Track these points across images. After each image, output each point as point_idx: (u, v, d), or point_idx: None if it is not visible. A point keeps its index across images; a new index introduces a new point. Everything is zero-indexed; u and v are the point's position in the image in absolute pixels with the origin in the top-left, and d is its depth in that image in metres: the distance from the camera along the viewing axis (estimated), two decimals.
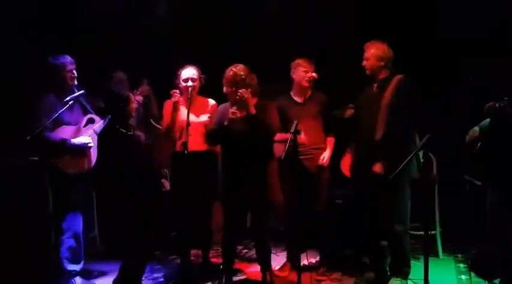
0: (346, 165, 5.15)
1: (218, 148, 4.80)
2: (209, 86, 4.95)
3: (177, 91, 4.77)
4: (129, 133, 4.53)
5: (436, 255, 5.30)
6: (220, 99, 4.89)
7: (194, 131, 4.66)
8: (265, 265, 4.64)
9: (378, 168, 4.40)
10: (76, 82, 4.78)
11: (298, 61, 5.00)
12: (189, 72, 4.82)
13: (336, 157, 5.17)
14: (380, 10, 5.78)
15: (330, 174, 5.07)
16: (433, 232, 5.27)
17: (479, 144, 4.02)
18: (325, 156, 4.98)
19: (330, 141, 5.04)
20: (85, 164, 4.74)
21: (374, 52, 4.57)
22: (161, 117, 4.89)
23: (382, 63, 4.56)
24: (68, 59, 4.72)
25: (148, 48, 6.10)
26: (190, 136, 4.58)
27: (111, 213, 4.57)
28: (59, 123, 4.65)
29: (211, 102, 4.94)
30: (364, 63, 4.61)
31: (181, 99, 4.82)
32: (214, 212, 5.00)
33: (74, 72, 4.75)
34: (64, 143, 4.63)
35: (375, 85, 4.60)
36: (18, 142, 4.66)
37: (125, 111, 4.52)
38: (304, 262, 4.96)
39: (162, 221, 5.16)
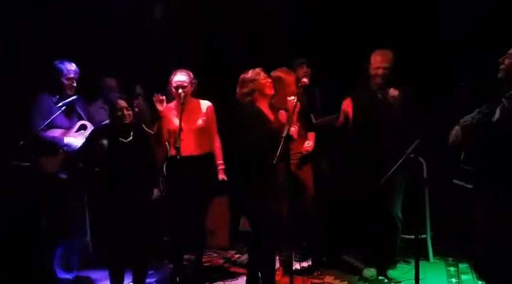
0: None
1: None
2: (206, 89, 4.96)
3: (160, 96, 4.68)
4: (124, 140, 4.50)
5: (427, 258, 5.32)
6: (217, 100, 4.96)
7: (187, 136, 4.67)
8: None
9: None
10: (73, 91, 4.80)
11: (280, 75, 4.82)
12: (179, 78, 4.76)
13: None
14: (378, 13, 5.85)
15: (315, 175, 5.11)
16: (423, 236, 5.30)
17: (463, 153, 4.10)
18: (310, 142, 4.97)
19: (312, 135, 5.04)
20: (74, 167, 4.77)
21: (391, 60, 4.69)
22: (154, 122, 4.90)
23: (392, 70, 4.71)
24: (73, 67, 4.73)
25: (145, 51, 6.11)
26: (183, 141, 4.59)
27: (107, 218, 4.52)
28: (52, 126, 4.68)
29: (206, 103, 4.92)
30: (382, 71, 4.70)
31: (173, 104, 4.85)
32: (208, 216, 5.00)
33: (75, 82, 4.75)
34: (57, 142, 4.65)
35: (379, 93, 4.73)
36: (11, 146, 4.67)
37: (114, 118, 4.47)
38: (297, 266, 4.98)
39: (155, 226, 5.17)
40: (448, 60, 5.47)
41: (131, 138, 4.49)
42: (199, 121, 4.83)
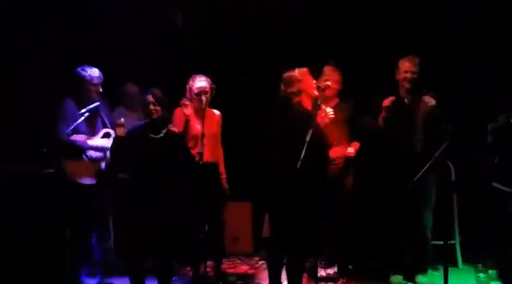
0: None
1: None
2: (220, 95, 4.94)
3: (187, 102, 4.73)
4: (155, 136, 4.47)
5: (456, 265, 5.23)
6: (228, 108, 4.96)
7: (207, 141, 4.65)
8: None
9: None
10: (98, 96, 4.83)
11: (324, 68, 4.97)
12: (201, 85, 4.77)
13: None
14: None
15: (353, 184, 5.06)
16: (452, 242, 5.21)
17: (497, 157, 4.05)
18: (352, 149, 4.96)
19: (356, 144, 5.03)
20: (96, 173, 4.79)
21: (419, 66, 4.71)
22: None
23: (420, 76, 4.71)
24: (97, 74, 4.77)
25: (160, 56, 6.10)
26: (205, 146, 4.57)
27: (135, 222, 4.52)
28: (76, 132, 4.71)
29: (217, 112, 4.95)
30: (410, 76, 4.71)
31: (190, 110, 4.83)
32: (227, 222, 4.95)
33: (100, 88, 4.79)
34: (81, 146, 4.70)
35: (407, 98, 4.73)
36: (34, 153, 4.69)
37: (145, 113, 4.49)
38: (322, 272, 4.91)
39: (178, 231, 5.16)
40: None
41: (162, 134, 4.48)
42: (215, 129, 4.87)
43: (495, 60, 5.29)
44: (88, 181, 4.76)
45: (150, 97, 4.42)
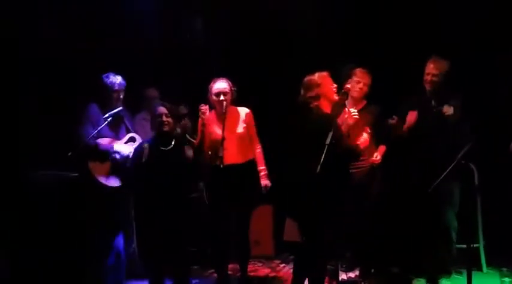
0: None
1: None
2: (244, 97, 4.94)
3: (204, 107, 4.70)
4: (165, 148, 4.51)
5: (480, 269, 5.15)
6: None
7: (230, 144, 4.65)
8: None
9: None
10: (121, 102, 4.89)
11: (355, 70, 4.97)
12: (220, 86, 4.75)
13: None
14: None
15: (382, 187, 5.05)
16: (476, 245, 5.14)
17: None
18: (378, 155, 4.93)
19: (382, 148, 5.00)
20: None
21: (444, 69, 4.68)
22: (195, 132, 4.90)
23: (444, 80, 4.67)
24: (118, 80, 4.83)
25: (185, 62, 6.14)
26: (226, 150, 4.57)
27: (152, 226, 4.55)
28: (100, 136, 4.78)
29: (244, 110, 4.90)
30: (430, 78, 4.70)
31: (213, 113, 4.82)
32: (252, 225, 4.95)
33: (121, 94, 4.86)
34: (107, 149, 4.75)
35: (432, 101, 4.70)
36: (59, 156, 4.75)
37: (154, 125, 4.55)
38: (343, 276, 4.88)
39: (199, 235, 5.17)
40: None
41: (172, 146, 4.50)
42: (240, 129, 4.81)
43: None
44: (112, 183, 4.81)
45: (162, 109, 4.47)
